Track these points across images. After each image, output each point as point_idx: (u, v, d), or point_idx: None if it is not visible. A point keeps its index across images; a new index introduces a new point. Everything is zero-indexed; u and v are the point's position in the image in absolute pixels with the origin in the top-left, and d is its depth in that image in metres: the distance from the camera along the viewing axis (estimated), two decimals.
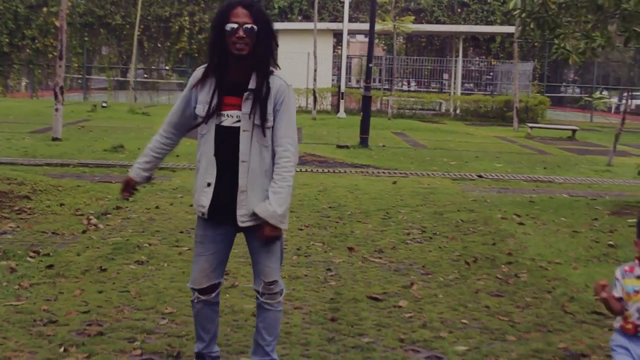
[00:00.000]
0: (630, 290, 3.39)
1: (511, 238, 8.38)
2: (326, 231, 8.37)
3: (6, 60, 37.79)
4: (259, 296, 4.03)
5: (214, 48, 3.84)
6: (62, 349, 4.50)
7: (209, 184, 3.90)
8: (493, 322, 5.43)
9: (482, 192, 11.89)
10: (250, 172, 3.82)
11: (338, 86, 30.86)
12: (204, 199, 3.92)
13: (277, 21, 34.47)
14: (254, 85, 3.81)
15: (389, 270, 6.84)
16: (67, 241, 7.40)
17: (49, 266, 6.39)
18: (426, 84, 40.04)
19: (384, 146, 18.67)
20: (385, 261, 7.16)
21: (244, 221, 3.87)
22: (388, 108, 30.69)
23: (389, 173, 13.88)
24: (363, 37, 51.89)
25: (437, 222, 9.16)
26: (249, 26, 3.74)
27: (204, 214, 3.94)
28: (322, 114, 28.97)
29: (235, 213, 3.86)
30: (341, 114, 28.69)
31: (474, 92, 37.83)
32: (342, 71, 29.98)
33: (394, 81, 33.25)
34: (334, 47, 36.78)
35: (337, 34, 33.64)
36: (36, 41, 37.57)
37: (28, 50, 37.84)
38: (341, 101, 29.31)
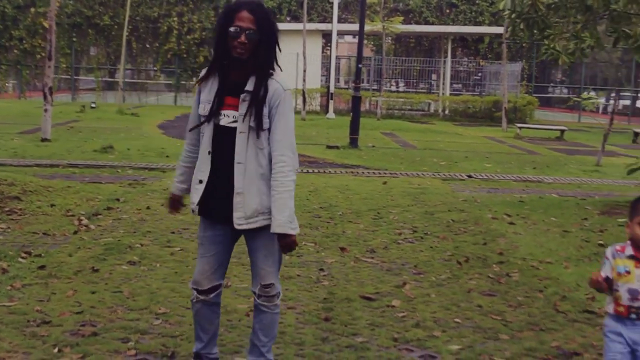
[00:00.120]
0: (621, 270, 3.45)
1: (502, 238, 8.42)
2: (318, 231, 8.38)
3: None
4: (255, 298, 4.03)
5: (217, 47, 3.85)
6: (56, 350, 4.49)
7: (200, 181, 3.93)
8: (486, 321, 5.45)
9: (472, 192, 11.93)
10: (246, 174, 3.83)
11: (327, 87, 30.88)
12: (195, 195, 3.96)
13: None
14: (251, 87, 3.81)
15: (381, 270, 6.86)
16: (59, 242, 7.39)
17: (41, 267, 6.37)
18: (415, 84, 40.13)
19: (373, 146, 18.70)
20: (377, 261, 7.18)
21: (240, 224, 3.87)
22: (377, 108, 30.75)
23: (379, 173, 13.90)
24: (351, 38, 51.93)
25: (428, 222, 9.19)
26: (251, 32, 3.73)
27: (194, 210, 3.97)
28: (311, 114, 28.98)
29: (232, 214, 3.86)
30: (330, 114, 28.72)
31: (462, 92, 37.94)
32: (332, 72, 30.01)
33: (383, 82, 33.29)
34: (323, 47, 36.82)
35: (326, 35, 33.70)
36: (24, 42, 37.45)
37: (16, 51, 37.72)
38: (330, 102, 29.34)
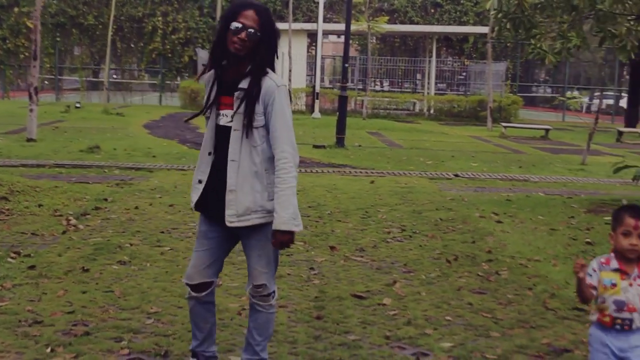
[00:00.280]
0: (607, 283, 3.48)
1: (490, 236, 8.46)
2: (307, 230, 8.38)
3: None
4: (250, 297, 4.05)
5: (217, 42, 3.87)
6: (49, 349, 4.49)
7: (200, 181, 3.98)
8: (477, 318, 5.48)
9: (459, 191, 11.98)
10: (239, 172, 3.84)
11: (312, 86, 30.88)
12: (194, 195, 4.01)
13: None
14: (245, 85, 3.84)
15: (371, 268, 6.88)
16: (48, 242, 7.36)
17: (31, 267, 6.35)
18: (399, 84, 40.19)
19: (360, 146, 18.73)
20: (367, 260, 7.20)
21: (232, 221, 3.88)
22: (363, 108, 30.78)
23: (366, 173, 13.93)
24: (335, 38, 52.04)
25: (416, 221, 9.22)
26: (252, 30, 3.76)
27: (192, 208, 4.05)
28: (297, 114, 28.92)
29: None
30: (316, 114, 28.73)
31: (447, 92, 38.04)
32: (317, 71, 30.02)
33: (368, 81, 33.35)
34: (308, 47, 36.83)
35: (311, 34, 33.69)
36: (7, 41, 37.27)
37: None
38: (316, 101, 29.35)
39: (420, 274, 6.71)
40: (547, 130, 25.00)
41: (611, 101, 42.35)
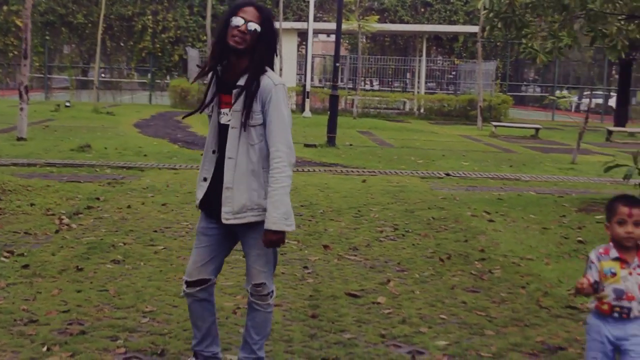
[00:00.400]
0: (607, 272, 3.52)
1: (482, 235, 8.49)
2: (300, 229, 8.39)
3: None
4: (249, 295, 4.06)
5: (217, 41, 3.90)
6: (45, 348, 4.49)
7: (205, 179, 4.01)
8: (471, 317, 5.51)
9: (450, 190, 12.01)
10: (236, 170, 3.86)
11: (303, 85, 30.87)
12: (199, 192, 4.04)
13: None
14: (243, 82, 3.86)
15: (364, 267, 6.90)
16: (41, 241, 7.35)
17: (25, 266, 6.34)
18: (389, 83, 40.23)
19: (351, 145, 18.74)
20: (360, 258, 7.22)
21: (227, 219, 3.90)
22: (353, 107, 30.80)
23: (358, 172, 13.94)
24: (325, 37, 51.97)
25: (408, 220, 9.24)
26: (252, 25, 3.80)
27: (197, 206, 4.08)
28: None
29: None
30: (307, 113, 28.74)
31: (436, 91, 38.10)
32: (308, 70, 30.04)
33: (359, 80, 33.36)
34: (298, 46, 36.83)
35: (301, 33, 33.69)
36: None
37: None
38: (307, 100, 29.36)
39: (413, 273, 6.73)
40: (537, 130, 25.08)
41: (600, 100, 42.53)
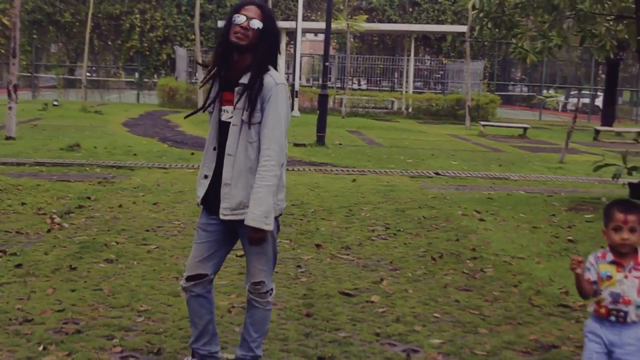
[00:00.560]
0: (603, 275, 3.55)
1: (473, 234, 8.53)
2: (292, 228, 8.41)
3: None
4: (248, 293, 4.08)
5: (221, 41, 3.93)
6: (41, 348, 4.49)
7: (206, 176, 4.03)
8: (464, 315, 5.54)
9: (440, 189, 12.06)
10: (235, 167, 3.89)
11: (292, 85, 30.87)
12: (200, 189, 4.07)
13: None
14: (245, 80, 3.88)
15: (357, 266, 6.93)
16: (33, 240, 7.34)
17: (18, 265, 6.33)
18: (377, 82, 40.26)
19: (340, 144, 18.78)
20: (353, 257, 7.24)
21: (225, 214, 3.93)
22: (342, 106, 30.83)
23: (348, 171, 13.97)
24: (313, 36, 52.04)
25: (399, 219, 9.28)
26: (254, 22, 3.83)
27: (198, 203, 4.10)
28: None
29: None
30: (295, 112, 28.76)
31: (424, 90, 38.17)
32: (297, 70, 30.04)
33: (347, 80, 33.40)
34: (286, 45, 36.82)
35: (289, 33, 33.69)
36: None
37: None
38: (295, 99, 29.37)
39: (406, 272, 6.76)
40: (525, 129, 25.18)
41: (587, 100, 42.73)
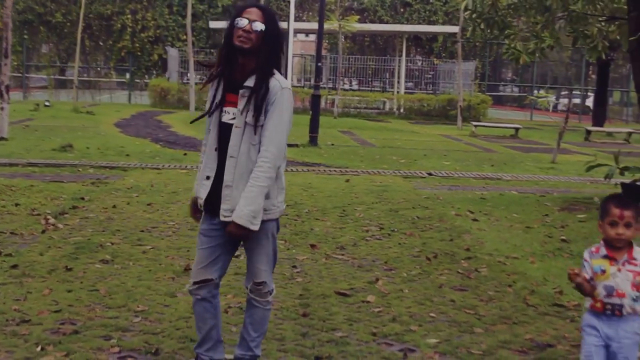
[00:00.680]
0: (597, 269, 3.61)
1: (467, 234, 8.57)
2: (286, 229, 8.42)
3: None
4: (248, 292, 4.10)
5: (224, 44, 3.93)
6: (39, 348, 4.49)
7: (207, 177, 4.01)
8: (460, 315, 5.57)
9: (433, 190, 12.09)
10: (237, 169, 3.89)
11: None
12: (202, 191, 4.04)
13: (222, 21, 34.31)
14: (251, 83, 3.88)
15: (352, 266, 6.95)
16: (28, 241, 7.33)
17: (13, 266, 6.33)
18: (369, 83, 40.30)
19: (333, 145, 18.80)
20: (348, 257, 7.26)
21: (226, 216, 3.93)
22: (334, 107, 30.86)
23: (341, 171, 13.99)
24: (304, 36, 52.03)
25: (393, 219, 9.30)
26: (257, 24, 3.84)
27: (201, 205, 4.07)
28: None
29: None
30: None
31: (415, 91, 38.23)
32: (289, 70, 30.05)
33: (339, 80, 33.43)
34: None
35: None
36: None
37: None
38: None
39: (401, 272, 6.79)
40: (517, 129, 25.26)
41: (578, 100, 42.88)
